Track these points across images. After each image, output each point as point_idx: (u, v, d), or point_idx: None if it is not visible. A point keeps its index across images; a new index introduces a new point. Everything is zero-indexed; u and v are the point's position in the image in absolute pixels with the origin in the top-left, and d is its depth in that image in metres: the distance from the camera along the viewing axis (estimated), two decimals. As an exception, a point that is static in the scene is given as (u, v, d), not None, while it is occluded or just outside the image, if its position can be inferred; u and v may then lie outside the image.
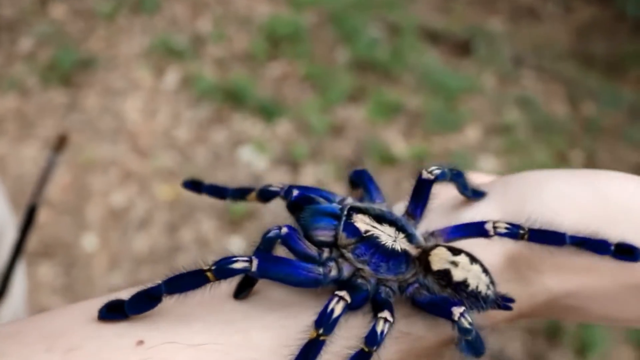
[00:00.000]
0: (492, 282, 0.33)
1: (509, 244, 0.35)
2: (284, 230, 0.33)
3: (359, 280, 0.33)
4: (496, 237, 0.34)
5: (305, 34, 1.84)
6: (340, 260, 0.33)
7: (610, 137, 1.78)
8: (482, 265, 0.34)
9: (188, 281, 0.31)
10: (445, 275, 0.33)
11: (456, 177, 0.37)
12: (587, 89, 1.90)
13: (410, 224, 0.35)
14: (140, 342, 0.30)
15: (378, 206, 0.36)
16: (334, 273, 0.33)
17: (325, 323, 0.29)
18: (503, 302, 0.34)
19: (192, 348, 0.30)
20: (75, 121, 1.60)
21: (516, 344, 1.33)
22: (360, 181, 0.38)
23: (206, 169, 1.52)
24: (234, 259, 0.31)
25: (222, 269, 0.30)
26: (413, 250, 0.34)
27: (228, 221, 1.43)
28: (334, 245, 0.33)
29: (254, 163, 1.55)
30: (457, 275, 0.33)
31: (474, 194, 0.38)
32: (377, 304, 0.32)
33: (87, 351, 0.29)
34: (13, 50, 1.74)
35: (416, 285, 0.33)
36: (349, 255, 0.33)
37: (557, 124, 1.80)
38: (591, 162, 1.68)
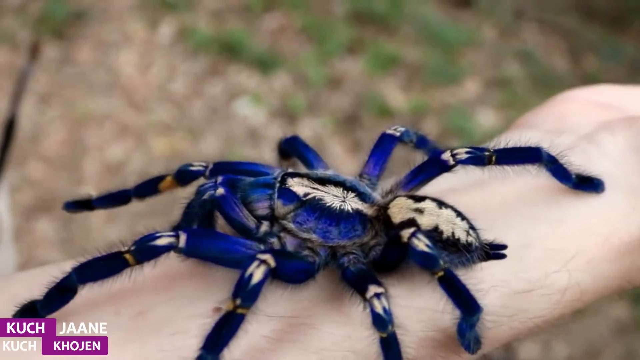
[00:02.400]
0: (471, 227, 0.29)
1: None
2: (220, 191, 0.28)
3: (305, 252, 0.28)
4: (460, 167, 0.30)
5: (302, -16, 1.80)
6: (282, 234, 0.28)
7: (610, 91, 1.76)
8: (455, 210, 0.29)
9: (104, 267, 0.26)
10: (410, 225, 0.28)
11: (420, 143, 0.34)
12: (589, 43, 1.87)
13: (365, 184, 0.31)
14: (217, 310, 0.27)
15: (321, 172, 0.31)
16: (276, 249, 0.28)
17: (242, 292, 0.24)
18: (493, 250, 0.29)
19: (270, 318, 0.27)
20: (69, 75, 1.57)
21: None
22: (293, 150, 0.33)
23: (202, 122, 1.51)
24: (157, 234, 0.26)
25: (143, 248, 0.26)
26: (368, 210, 0.29)
27: (225, 173, 1.43)
28: (273, 218, 0.29)
29: (250, 116, 1.53)
30: (425, 222, 0.28)
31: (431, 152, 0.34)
32: (356, 282, 0.27)
33: (157, 316, 0.27)
34: (3, 3, 1.70)
35: (380, 247, 0.29)
36: (290, 225, 0.28)
37: (557, 78, 1.78)
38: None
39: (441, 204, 0.29)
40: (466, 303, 0.26)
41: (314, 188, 0.29)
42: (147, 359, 0.26)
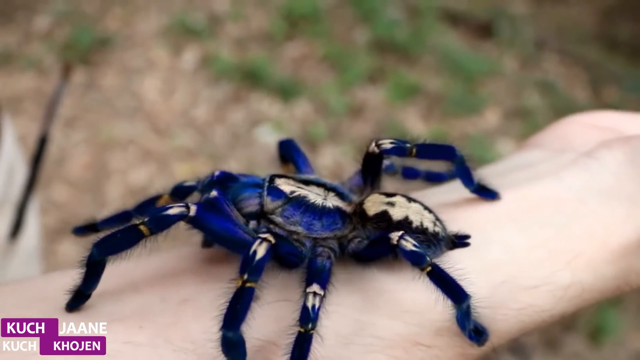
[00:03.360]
0: (438, 219, 0.32)
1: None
2: (213, 193, 0.30)
3: (293, 242, 0.31)
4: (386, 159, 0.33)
5: (324, 13, 1.82)
6: (271, 226, 0.31)
7: (633, 123, 1.75)
8: (422, 204, 0.32)
9: (121, 239, 0.28)
10: (383, 216, 0.31)
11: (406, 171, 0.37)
12: (610, 74, 1.86)
13: (344, 187, 0.34)
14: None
15: (305, 175, 0.34)
16: None
17: (249, 267, 0.27)
18: (458, 239, 0.31)
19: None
20: (94, 100, 1.59)
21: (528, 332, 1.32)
22: (287, 154, 0.37)
23: (224, 148, 1.51)
24: (169, 206, 0.29)
25: (156, 218, 0.28)
26: (346, 207, 0.32)
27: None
28: (262, 215, 0.31)
29: (272, 143, 1.54)
30: (396, 213, 0.31)
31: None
32: (310, 273, 0.29)
33: (200, 304, 0.29)
34: (30, 29, 1.74)
35: (358, 239, 0.32)
36: (278, 219, 0.31)
37: (578, 109, 1.75)
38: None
39: (410, 199, 0.32)
40: (454, 292, 0.29)
41: (299, 187, 0.32)
42: (193, 340, 0.28)
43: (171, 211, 0.28)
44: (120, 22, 1.76)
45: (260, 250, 0.27)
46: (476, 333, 0.30)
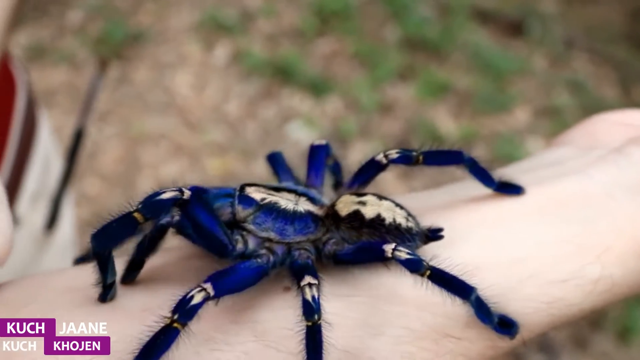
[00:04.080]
0: (409, 214, 0.32)
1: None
2: (187, 193, 0.30)
3: (262, 251, 0.31)
4: (392, 166, 0.34)
5: (355, 10, 1.82)
6: (244, 233, 0.32)
7: (664, 123, 1.73)
8: (393, 201, 0.32)
9: (116, 229, 0.28)
10: (355, 216, 0.31)
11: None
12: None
13: (314, 192, 0.34)
14: (287, 289, 0.30)
15: (276, 183, 0.35)
16: (240, 246, 0.31)
17: (182, 309, 0.27)
18: (432, 233, 0.32)
19: (339, 298, 0.30)
20: (126, 94, 1.61)
21: (557, 327, 1.31)
22: (272, 165, 0.37)
23: (255, 143, 1.52)
24: (161, 190, 0.29)
25: (149, 203, 0.28)
26: (318, 211, 0.33)
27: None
28: (234, 224, 0.32)
29: (303, 139, 1.54)
30: (368, 212, 0.31)
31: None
32: (296, 272, 0.30)
33: (247, 294, 0.30)
34: (63, 24, 1.76)
35: (333, 240, 0.32)
36: (250, 227, 0.32)
37: (607, 108, 1.73)
38: (643, 148, 1.64)
39: (381, 197, 0.32)
40: (458, 288, 0.29)
41: (269, 194, 0.32)
42: (222, 329, 0.28)
43: (164, 195, 0.29)
44: (152, 17, 1.77)
45: (197, 297, 0.27)
46: (504, 325, 0.30)
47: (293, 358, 0.27)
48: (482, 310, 0.29)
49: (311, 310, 0.27)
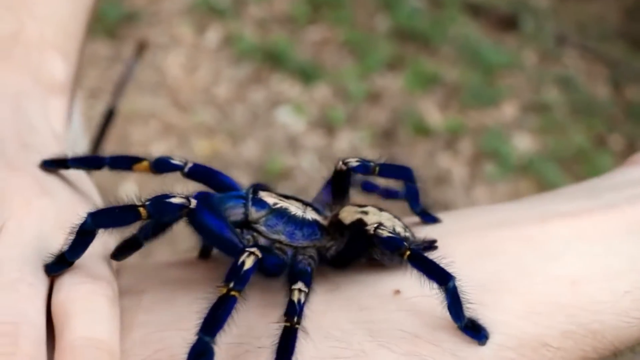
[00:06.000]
0: (406, 226, 0.34)
1: None
2: (193, 202, 0.30)
3: (275, 251, 0.33)
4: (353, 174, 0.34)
5: (347, -1, 1.83)
6: (255, 234, 0.33)
7: (653, 124, 1.74)
8: (391, 213, 0.34)
9: (117, 216, 0.29)
10: (359, 224, 0.33)
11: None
12: (633, 72, 1.85)
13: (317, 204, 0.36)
14: (397, 292, 0.31)
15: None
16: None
17: (235, 277, 0.27)
18: (426, 244, 0.33)
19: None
20: (118, 73, 1.63)
21: None
22: (196, 178, 0.36)
23: (244, 126, 1.54)
24: (172, 194, 0.29)
25: (157, 203, 0.29)
26: (323, 221, 0.34)
27: (263, 179, 1.46)
28: (245, 224, 0.33)
29: (290, 124, 1.56)
30: (371, 219, 0.33)
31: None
32: (293, 275, 0.31)
33: (346, 293, 0.32)
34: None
35: (335, 247, 0.34)
36: (262, 228, 0.33)
37: (597, 107, 1.76)
38: (631, 149, 1.65)
39: (380, 209, 0.34)
40: (437, 273, 0.29)
41: (280, 199, 0.34)
42: (340, 328, 0.30)
43: (174, 200, 0.29)
44: (146, -2, 1.78)
45: (248, 262, 0.28)
46: (472, 329, 0.30)
47: (405, 359, 0.29)
48: (455, 304, 0.29)
49: (293, 311, 0.28)
